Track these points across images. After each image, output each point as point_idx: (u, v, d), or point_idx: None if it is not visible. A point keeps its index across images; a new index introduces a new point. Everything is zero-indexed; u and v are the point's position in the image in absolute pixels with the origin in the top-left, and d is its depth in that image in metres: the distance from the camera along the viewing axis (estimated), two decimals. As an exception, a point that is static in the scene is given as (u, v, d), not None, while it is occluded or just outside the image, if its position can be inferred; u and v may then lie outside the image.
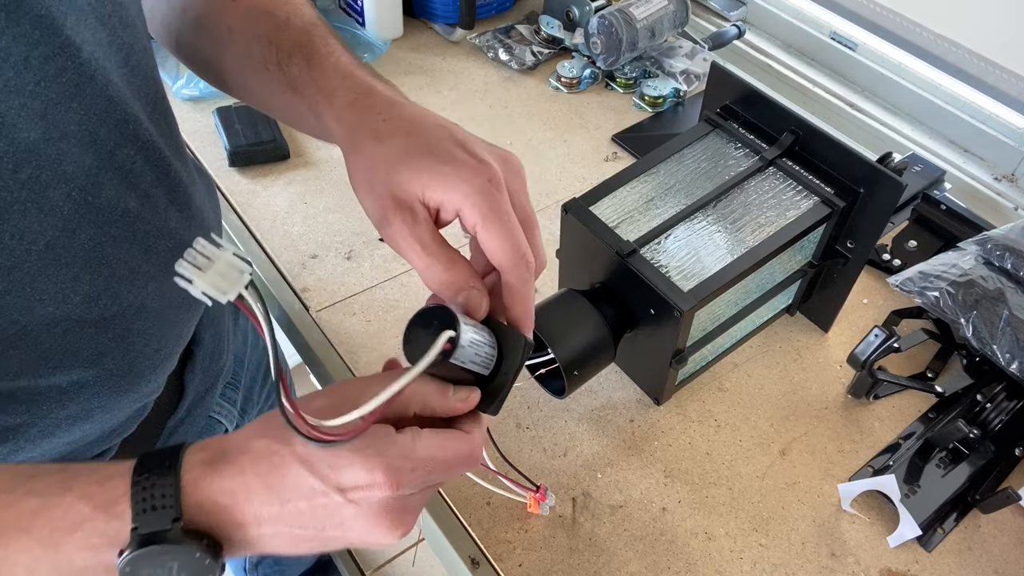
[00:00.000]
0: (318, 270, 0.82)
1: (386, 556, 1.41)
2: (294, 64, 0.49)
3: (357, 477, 0.36)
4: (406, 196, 0.42)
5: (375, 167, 0.43)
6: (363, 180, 0.44)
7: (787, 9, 1.13)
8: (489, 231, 0.41)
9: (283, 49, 0.50)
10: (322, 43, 0.50)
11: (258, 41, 0.51)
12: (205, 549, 0.36)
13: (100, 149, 0.44)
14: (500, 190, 0.42)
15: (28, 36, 0.38)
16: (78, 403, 0.49)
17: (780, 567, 0.61)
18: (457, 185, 0.41)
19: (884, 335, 0.65)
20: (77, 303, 0.45)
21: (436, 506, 0.64)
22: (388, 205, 0.42)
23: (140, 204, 0.48)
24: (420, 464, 0.38)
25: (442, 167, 0.41)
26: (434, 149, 0.42)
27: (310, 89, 0.48)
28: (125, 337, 0.50)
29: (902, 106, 1.03)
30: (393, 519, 0.38)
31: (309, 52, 0.49)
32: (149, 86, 0.49)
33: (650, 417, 0.70)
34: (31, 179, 0.40)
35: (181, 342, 0.57)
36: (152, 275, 0.50)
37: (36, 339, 0.44)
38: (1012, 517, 0.65)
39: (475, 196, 0.41)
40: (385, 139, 0.43)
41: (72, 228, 0.43)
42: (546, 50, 1.10)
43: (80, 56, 0.41)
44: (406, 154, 0.42)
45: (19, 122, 0.39)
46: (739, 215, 0.66)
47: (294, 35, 0.50)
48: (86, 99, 0.42)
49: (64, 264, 0.44)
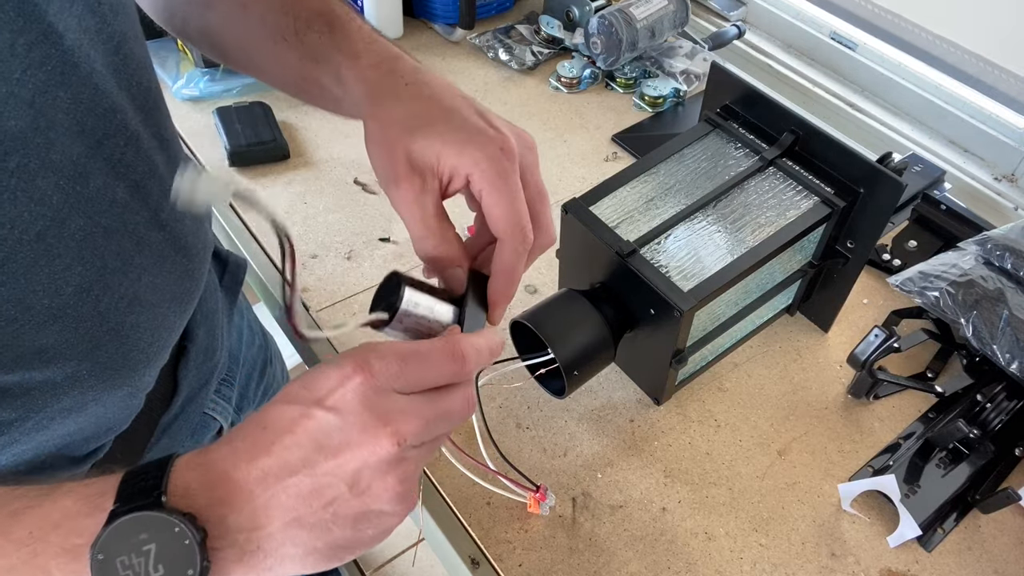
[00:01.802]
0: (318, 270, 0.82)
1: (386, 556, 1.41)
2: (313, 31, 0.49)
3: (329, 379, 0.35)
4: (420, 161, 0.43)
5: (392, 127, 0.43)
6: (379, 139, 0.44)
7: (787, 9, 1.13)
8: (493, 196, 0.42)
9: (301, 18, 0.49)
10: (342, 11, 0.50)
11: (272, 11, 0.51)
12: (186, 527, 0.31)
13: (88, 138, 0.44)
14: (512, 160, 0.43)
15: (12, 23, 0.38)
16: (72, 396, 0.49)
17: (780, 567, 0.61)
18: (470, 151, 0.42)
19: (884, 335, 0.65)
20: (70, 294, 0.45)
21: (436, 506, 0.64)
22: (401, 167, 0.43)
23: (130, 195, 0.48)
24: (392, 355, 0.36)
25: (457, 133, 0.42)
26: (452, 116, 0.43)
27: (332, 53, 0.47)
28: (119, 330, 0.50)
29: (902, 106, 1.03)
30: (377, 415, 0.35)
31: (331, 19, 0.49)
32: (141, 75, 0.49)
33: (650, 417, 0.70)
34: (20, 167, 0.40)
35: (174, 336, 0.57)
36: (145, 267, 0.50)
37: (31, 333, 0.44)
38: (1012, 517, 0.65)
39: (485, 162, 0.42)
40: (406, 101, 0.44)
41: (62, 218, 0.43)
42: (546, 50, 1.10)
43: (63, 43, 0.41)
44: (425, 118, 0.43)
45: (6, 110, 0.38)
46: (739, 215, 0.66)
47: (312, 3, 0.50)
48: (72, 87, 0.42)
49: (56, 255, 0.44)
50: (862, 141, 1.00)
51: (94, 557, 0.31)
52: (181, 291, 0.55)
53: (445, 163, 0.43)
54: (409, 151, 0.43)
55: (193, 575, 0.31)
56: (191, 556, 0.31)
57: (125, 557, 0.31)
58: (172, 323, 0.56)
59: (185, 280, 0.56)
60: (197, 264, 0.57)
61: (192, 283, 0.57)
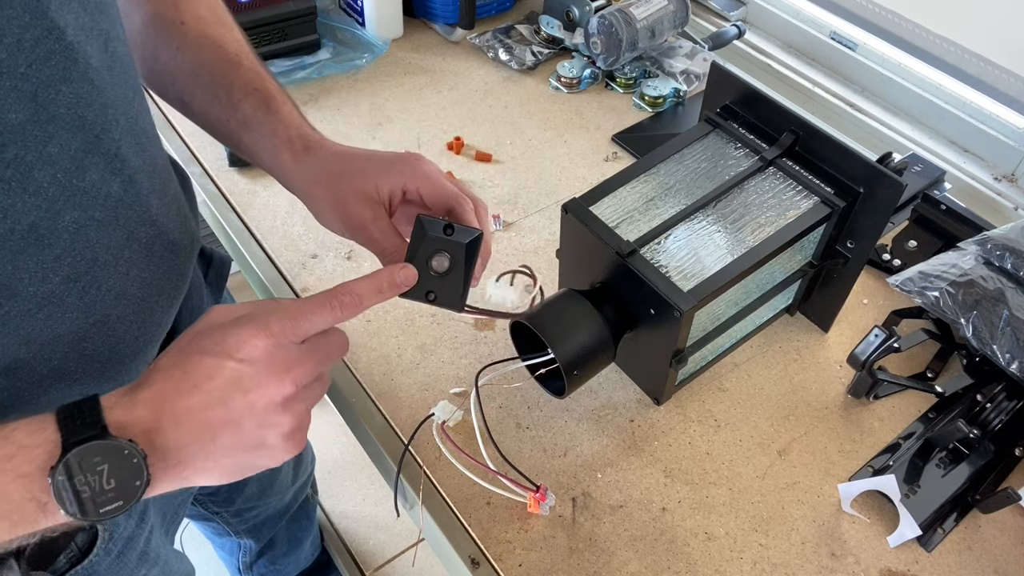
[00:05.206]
0: (318, 270, 0.82)
1: (386, 556, 1.41)
2: (247, 104, 0.59)
3: (238, 338, 0.42)
4: (364, 198, 0.55)
5: (330, 190, 0.56)
6: (327, 204, 0.56)
7: (787, 9, 1.13)
8: (427, 187, 0.55)
9: (236, 87, 0.59)
10: (276, 91, 0.60)
11: (206, 70, 0.60)
12: (134, 449, 0.39)
13: (88, 133, 0.45)
14: (421, 161, 0.56)
15: (19, 19, 0.39)
16: (58, 389, 0.50)
17: (780, 567, 0.61)
18: (395, 171, 0.55)
19: (884, 335, 0.65)
20: (57, 283, 0.46)
21: (436, 506, 0.64)
22: (354, 212, 0.54)
23: (123, 189, 0.49)
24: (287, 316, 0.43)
25: (379, 164, 0.56)
26: (365, 159, 0.57)
27: (267, 131, 0.58)
28: (106, 322, 0.51)
29: (902, 106, 1.03)
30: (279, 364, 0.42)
31: (267, 99, 0.59)
32: (127, 73, 0.50)
33: (650, 417, 0.70)
34: (16, 159, 0.41)
35: (162, 331, 0.59)
36: (133, 261, 0.52)
37: (16, 320, 0.46)
38: (1012, 517, 0.65)
39: (409, 171, 0.55)
40: (331, 165, 0.57)
41: (57, 209, 0.44)
42: (546, 50, 1.10)
43: (65, 39, 0.42)
44: (349, 170, 0.56)
45: (7, 103, 0.39)
46: (739, 215, 0.66)
47: (247, 76, 0.60)
48: (73, 82, 0.43)
49: (47, 245, 0.45)
50: (862, 141, 1.00)
51: (55, 478, 0.37)
52: (168, 286, 0.57)
53: (383, 188, 0.55)
54: (353, 198, 0.55)
55: (140, 485, 0.39)
56: (138, 470, 0.39)
57: (82, 476, 0.38)
58: (159, 317, 0.57)
59: (172, 275, 0.57)
60: (184, 259, 0.59)
61: (179, 278, 0.58)
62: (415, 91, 1.04)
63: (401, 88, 1.05)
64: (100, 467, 0.38)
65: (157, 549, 0.70)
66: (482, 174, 0.93)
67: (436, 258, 0.52)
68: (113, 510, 0.39)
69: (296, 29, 1.02)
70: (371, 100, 1.02)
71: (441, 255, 0.52)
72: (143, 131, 0.52)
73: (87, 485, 0.38)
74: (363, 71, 1.06)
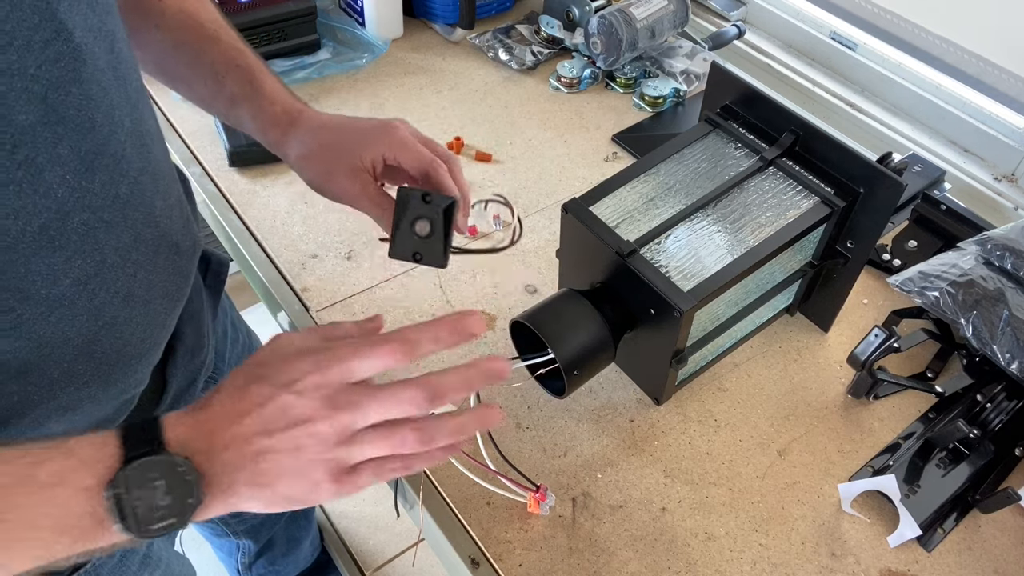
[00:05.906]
0: (318, 270, 0.82)
1: (386, 556, 1.41)
2: (231, 80, 0.62)
3: (297, 371, 0.43)
4: (351, 168, 0.60)
5: (322, 161, 0.61)
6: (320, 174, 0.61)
7: (787, 9, 1.13)
8: (404, 154, 0.60)
9: (218, 63, 0.62)
10: (257, 66, 0.63)
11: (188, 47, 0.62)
12: (188, 467, 0.40)
13: (96, 134, 0.45)
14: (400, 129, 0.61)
15: (28, 20, 0.39)
16: (68, 393, 0.50)
17: (780, 567, 0.61)
18: (376, 141, 0.60)
19: (884, 335, 0.65)
20: (68, 285, 0.46)
21: (436, 506, 0.64)
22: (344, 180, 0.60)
23: (130, 191, 0.49)
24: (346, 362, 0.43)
25: (362, 135, 0.60)
26: (350, 128, 0.61)
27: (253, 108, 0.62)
28: (114, 324, 0.51)
29: (902, 106, 1.03)
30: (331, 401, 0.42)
31: (250, 75, 0.62)
32: (131, 74, 0.50)
33: (650, 417, 0.70)
34: (27, 160, 0.41)
35: (166, 333, 0.59)
36: (140, 263, 0.52)
37: (28, 322, 0.45)
38: (1012, 517, 0.65)
39: (387, 139, 0.60)
40: (322, 139, 0.61)
41: (67, 211, 0.44)
42: (546, 50, 1.10)
43: (73, 40, 0.42)
44: (336, 141, 0.61)
45: (19, 104, 0.39)
46: (739, 215, 0.66)
47: (227, 52, 0.62)
48: (83, 84, 0.43)
49: (58, 247, 0.45)
50: (862, 141, 1.00)
51: (114, 492, 0.38)
52: (173, 288, 0.57)
53: (366, 159, 0.60)
54: (341, 171, 0.60)
55: (192, 503, 0.39)
56: (192, 488, 0.39)
57: (139, 491, 0.38)
58: (164, 320, 0.57)
59: (176, 277, 0.57)
60: (187, 261, 0.59)
61: (182, 280, 0.59)
62: (415, 91, 1.04)
63: (401, 88, 1.05)
64: (156, 482, 0.38)
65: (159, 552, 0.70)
66: (482, 174, 0.93)
67: (418, 223, 0.57)
68: (166, 527, 0.39)
69: (296, 29, 1.02)
70: (371, 100, 1.02)
71: (423, 220, 0.57)
72: (147, 132, 0.52)
73: (141, 500, 0.38)
74: (363, 71, 1.06)
